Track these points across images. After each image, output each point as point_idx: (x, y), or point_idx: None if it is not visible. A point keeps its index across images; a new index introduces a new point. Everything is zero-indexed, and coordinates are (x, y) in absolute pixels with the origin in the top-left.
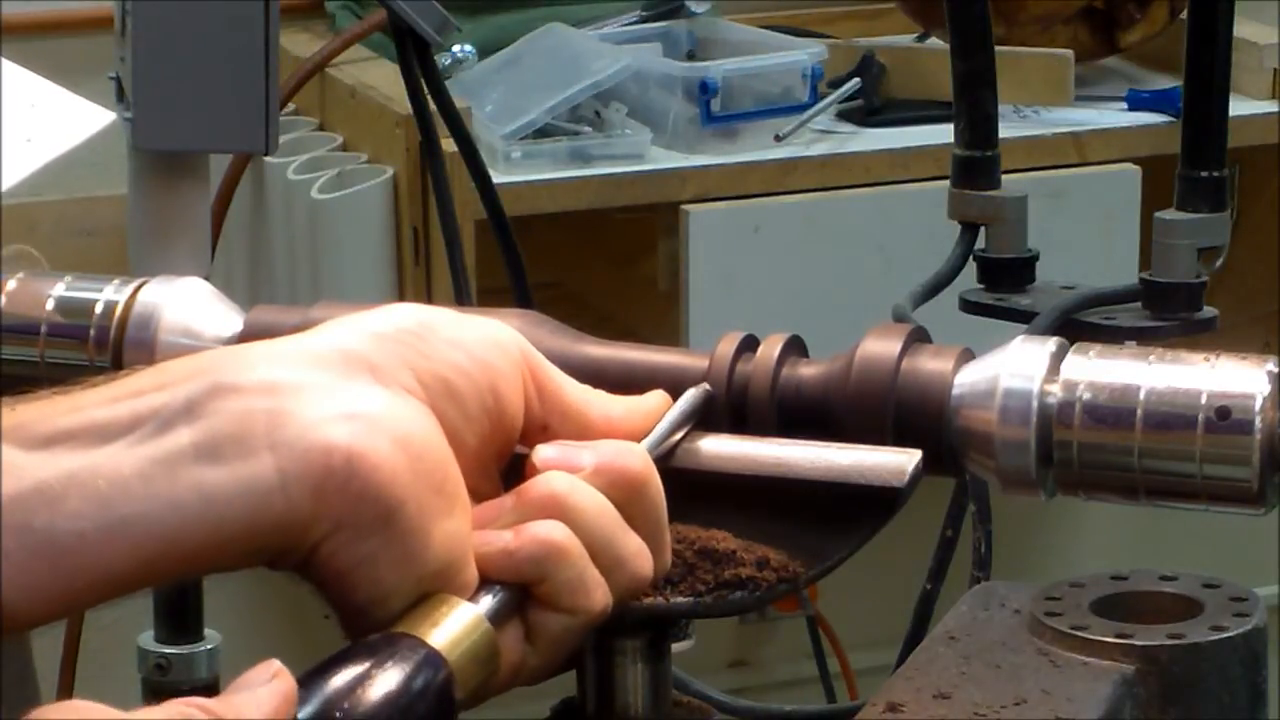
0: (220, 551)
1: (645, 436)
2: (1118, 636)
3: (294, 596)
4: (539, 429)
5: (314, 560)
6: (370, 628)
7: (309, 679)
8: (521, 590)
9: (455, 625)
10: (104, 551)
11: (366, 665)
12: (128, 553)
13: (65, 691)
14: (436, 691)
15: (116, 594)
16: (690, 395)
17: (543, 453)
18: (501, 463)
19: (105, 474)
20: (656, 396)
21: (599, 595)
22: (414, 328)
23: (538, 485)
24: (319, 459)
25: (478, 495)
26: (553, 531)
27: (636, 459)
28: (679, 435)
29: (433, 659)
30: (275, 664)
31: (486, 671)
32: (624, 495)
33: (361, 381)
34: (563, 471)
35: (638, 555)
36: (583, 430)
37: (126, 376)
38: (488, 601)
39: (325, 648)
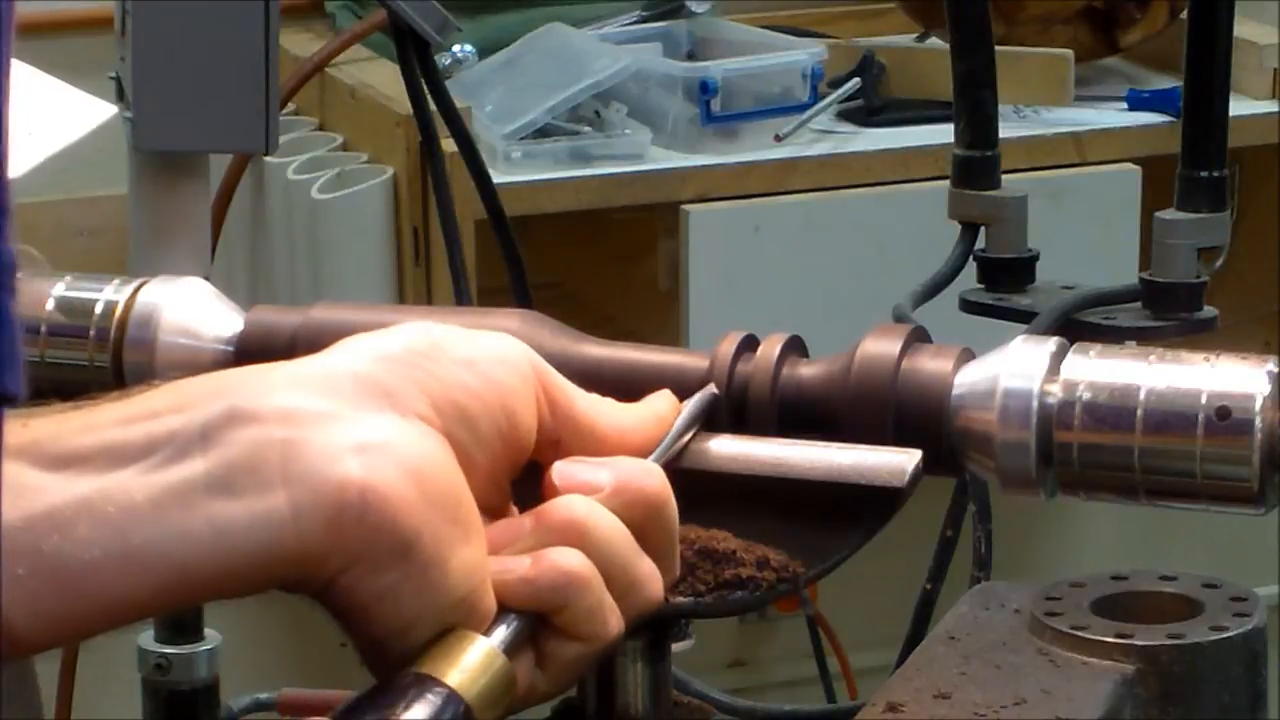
0: (232, 582)
1: (656, 443)
2: (1118, 636)
3: (294, 597)
4: (550, 442)
5: (331, 593)
6: (390, 658)
7: None
8: (537, 618)
9: (473, 662)
10: (114, 579)
11: (390, 709)
12: (138, 581)
13: (65, 691)
14: None
15: (126, 621)
16: (698, 398)
17: (560, 470)
18: (512, 477)
19: (117, 501)
20: (664, 400)
21: (614, 622)
22: (425, 349)
23: (557, 509)
24: (333, 494)
25: (489, 511)
26: (572, 560)
27: (654, 480)
28: (686, 438)
29: (453, 699)
30: None
31: (503, 705)
32: (640, 516)
33: (375, 409)
34: (581, 494)
35: (650, 580)
36: (594, 442)
37: (143, 392)
38: (503, 632)
39: (324, 650)
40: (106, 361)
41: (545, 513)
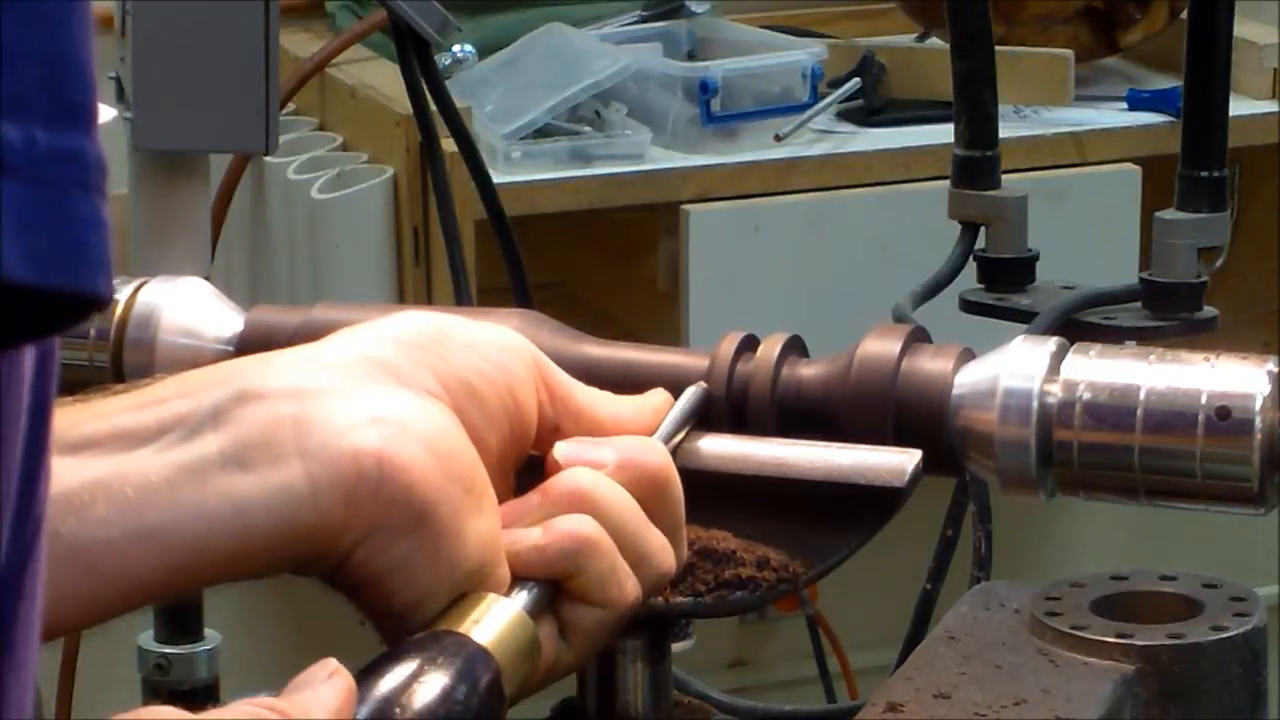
0: (249, 559)
1: (652, 436)
2: (1118, 636)
3: (294, 596)
4: (550, 431)
5: (347, 566)
6: (407, 632)
7: (360, 679)
8: (554, 586)
9: (497, 621)
10: (132, 559)
11: (417, 664)
12: (156, 560)
13: (65, 691)
14: (487, 687)
15: (145, 601)
16: (690, 394)
17: (563, 449)
18: (517, 466)
19: (133, 481)
20: (659, 395)
21: (630, 587)
22: (431, 333)
23: (563, 481)
24: (349, 464)
25: (496, 498)
26: (582, 525)
27: (657, 455)
28: (681, 434)
29: (481, 655)
30: (333, 662)
31: (529, 666)
32: (646, 491)
33: (386, 385)
34: (586, 467)
35: (662, 550)
36: (593, 431)
37: (148, 385)
38: (522, 598)
39: (324, 650)
40: (106, 361)
41: (552, 486)
